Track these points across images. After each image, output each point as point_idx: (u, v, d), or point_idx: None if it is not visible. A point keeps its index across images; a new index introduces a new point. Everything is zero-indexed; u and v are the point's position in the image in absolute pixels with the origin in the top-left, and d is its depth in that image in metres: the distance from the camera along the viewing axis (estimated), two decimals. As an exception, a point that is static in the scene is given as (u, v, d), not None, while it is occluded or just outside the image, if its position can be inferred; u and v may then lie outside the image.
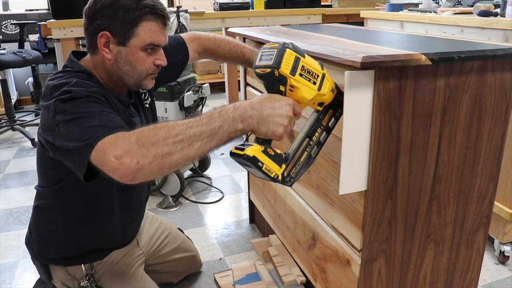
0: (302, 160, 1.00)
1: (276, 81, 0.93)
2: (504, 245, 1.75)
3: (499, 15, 1.90)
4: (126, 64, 1.12)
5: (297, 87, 0.94)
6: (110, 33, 1.09)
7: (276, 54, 0.92)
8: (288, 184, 1.00)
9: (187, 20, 2.45)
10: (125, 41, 1.09)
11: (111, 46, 1.11)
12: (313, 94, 0.96)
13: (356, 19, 3.29)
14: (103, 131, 0.89)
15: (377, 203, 1.02)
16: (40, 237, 1.32)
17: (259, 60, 0.95)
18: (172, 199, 2.33)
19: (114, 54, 1.11)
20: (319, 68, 0.97)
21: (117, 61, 1.12)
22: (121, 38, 1.09)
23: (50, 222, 1.29)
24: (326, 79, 0.98)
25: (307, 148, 1.01)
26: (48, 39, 3.10)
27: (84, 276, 1.35)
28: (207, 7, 3.25)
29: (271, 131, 0.90)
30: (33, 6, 4.36)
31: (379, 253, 1.08)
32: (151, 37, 1.10)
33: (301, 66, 0.93)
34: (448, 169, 1.08)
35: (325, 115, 1.02)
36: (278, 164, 0.96)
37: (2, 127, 3.51)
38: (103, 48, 1.11)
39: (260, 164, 0.93)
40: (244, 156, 0.91)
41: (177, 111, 2.27)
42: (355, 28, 1.69)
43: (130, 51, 1.11)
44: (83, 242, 1.32)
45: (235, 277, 1.68)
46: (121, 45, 1.10)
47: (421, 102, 0.98)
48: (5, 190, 2.59)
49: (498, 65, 1.03)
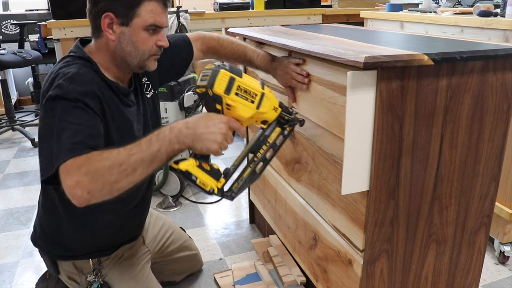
0: (245, 176, 1.08)
1: (212, 100, 1.01)
2: (504, 245, 1.75)
3: (499, 15, 1.90)
4: (129, 44, 1.15)
5: (233, 106, 1.01)
6: (113, 13, 1.12)
7: (210, 75, 0.99)
8: (229, 198, 1.07)
9: (187, 20, 2.45)
10: (128, 21, 1.13)
11: (115, 27, 1.14)
12: (251, 112, 1.03)
13: (356, 19, 3.29)
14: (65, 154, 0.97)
15: (379, 203, 1.02)
16: (46, 236, 1.33)
17: (199, 81, 1.02)
18: (172, 199, 2.33)
19: (118, 35, 1.14)
20: (258, 87, 1.04)
21: (121, 42, 1.15)
22: (124, 18, 1.12)
23: (55, 221, 1.30)
24: (266, 97, 1.04)
25: (251, 165, 1.08)
26: (48, 39, 3.10)
27: (92, 271, 1.36)
28: (207, 7, 3.25)
29: (205, 147, 1.00)
30: (33, 6, 4.36)
31: (381, 253, 1.08)
32: (153, 17, 1.14)
33: (236, 86, 1.00)
34: (450, 169, 1.08)
35: (271, 133, 1.09)
36: (214, 178, 1.03)
37: (2, 127, 3.51)
38: (107, 29, 1.14)
39: (193, 178, 1.02)
40: (178, 171, 1.01)
41: (177, 111, 2.27)
42: (355, 28, 1.69)
43: (133, 31, 1.14)
44: (88, 240, 1.32)
45: (235, 277, 1.68)
46: (124, 26, 1.13)
47: (423, 102, 0.98)
48: (5, 190, 2.58)
49: (499, 65, 1.03)
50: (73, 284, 1.39)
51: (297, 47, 1.22)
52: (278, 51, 1.45)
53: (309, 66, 1.24)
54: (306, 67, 1.26)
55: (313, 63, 1.21)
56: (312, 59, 1.21)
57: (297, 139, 1.39)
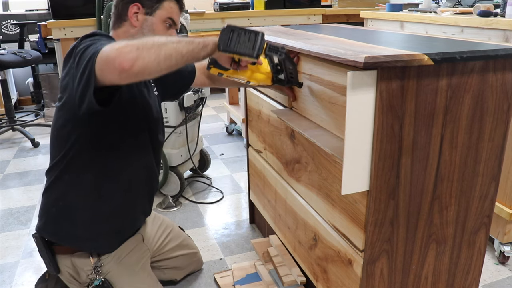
0: None
1: None
2: (504, 245, 1.75)
3: (499, 15, 1.90)
4: (150, 32, 1.32)
5: None
6: (140, 4, 1.31)
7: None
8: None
9: (187, 20, 2.44)
10: (152, 12, 1.32)
11: (139, 16, 1.31)
12: None
13: (356, 19, 3.29)
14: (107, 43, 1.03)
15: (379, 203, 1.02)
16: (52, 217, 1.34)
17: None
18: (172, 199, 2.33)
19: (141, 22, 1.32)
20: None
21: (142, 28, 1.32)
22: (150, 9, 1.32)
23: (61, 197, 1.31)
24: None
25: None
26: (48, 39, 3.10)
27: (92, 268, 1.36)
28: (207, 7, 3.25)
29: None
30: (33, 6, 4.35)
31: (381, 253, 1.08)
32: (172, 13, 1.35)
33: None
34: (450, 169, 1.08)
35: None
36: None
37: (2, 127, 3.51)
38: (132, 16, 1.31)
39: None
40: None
41: (177, 111, 2.27)
42: (355, 28, 1.69)
43: (154, 20, 1.32)
44: (94, 220, 1.34)
45: (235, 277, 1.68)
46: (148, 15, 1.32)
47: (423, 102, 0.98)
48: (5, 190, 2.58)
49: (499, 65, 1.03)
50: (73, 282, 1.39)
51: (297, 47, 1.22)
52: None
53: (309, 66, 1.24)
54: (306, 67, 1.26)
55: (313, 63, 1.21)
56: (312, 59, 1.21)
57: (297, 139, 1.39)
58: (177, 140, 2.33)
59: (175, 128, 2.29)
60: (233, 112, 3.14)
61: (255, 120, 1.80)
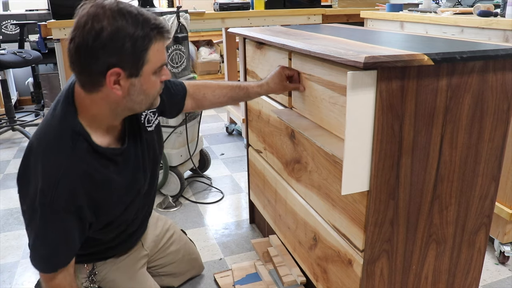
0: None
1: None
2: (504, 246, 1.75)
3: (499, 15, 1.90)
4: (140, 94, 1.06)
5: None
6: (120, 68, 0.99)
7: None
8: None
9: (187, 20, 2.44)
10: (137, 72, 1.02)
11: (122, 82, 1.02)
12: None
13: (356, 19, 3.29)
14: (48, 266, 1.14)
15: (379, 203, 1.02)
16: None
17: None
18: (172, 199, 2.33)
19: (127, 89, 1.03)
20: None
21: (130, 94, 1.05)
22: (133, 69, 1.01)
23: None
24: None
25: None
26: (48, 39, 3.08)
27: (87, 276, 1.35)
28: (207, 7, 3.25)
29: None
30: (33, 6, 4.35)
31: (381, 253, 1.08)
32: (160, 59, 1.05)
33: None
34: (450, 169, 1.08)
35: None
36: None
37: (2, 127, 3.51)
38: (113, 86, 1.02)
39: None
40: None
41: (177, 112, 2.27)
42: (355, 28, 1.69)
43: (143, 80, 1.04)
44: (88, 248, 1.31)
45: (235, 277, 1.68)
46: (134, 77, 1.02)
47: (423, 102, 0.98)
48: (5, 190, 2.58)
49: (499, 65, 1.03)
50: None
51: (297, 47, 1.22)
52: (278, 51, 1.45)
53: (309, 66, 1.24)
54: (306, 67, 1.26)
55: (313, 63, 1.21)
56: (312, 59, 1.21)
57: (297, 139, 1.39)
58: (177, 140, 2.33)
59: (175, 128, 2.29)
60: (233, 112, 3.14)
61: (255, 120, 1.80)
